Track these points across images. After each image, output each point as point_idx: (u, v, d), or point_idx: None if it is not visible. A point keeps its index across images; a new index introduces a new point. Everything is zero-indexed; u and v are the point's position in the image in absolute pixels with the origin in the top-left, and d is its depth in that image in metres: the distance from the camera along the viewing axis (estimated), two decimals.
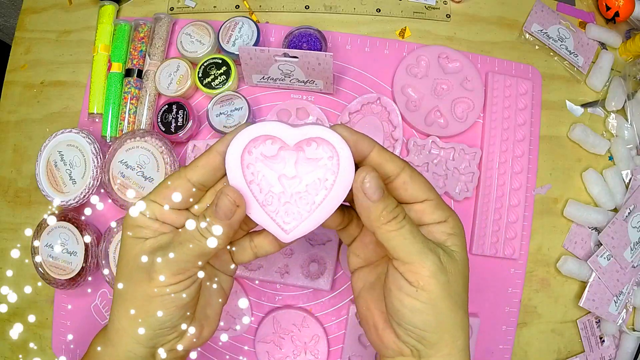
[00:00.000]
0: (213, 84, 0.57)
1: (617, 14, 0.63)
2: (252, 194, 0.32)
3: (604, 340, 0.59)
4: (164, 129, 0.56)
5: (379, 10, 0.63)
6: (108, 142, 0.59)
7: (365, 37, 0.62)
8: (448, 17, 0.64)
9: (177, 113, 0.57)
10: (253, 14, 0.63)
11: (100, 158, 0.55)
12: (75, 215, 0.55)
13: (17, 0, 0.84)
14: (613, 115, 0.62)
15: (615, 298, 0.57)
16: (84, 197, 0.54)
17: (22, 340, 0.59)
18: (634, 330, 0.58)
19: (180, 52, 0.59)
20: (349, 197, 0.32)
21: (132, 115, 0.59)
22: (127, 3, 0.64)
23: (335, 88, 0.60)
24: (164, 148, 0.54)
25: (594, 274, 0.57)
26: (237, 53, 0.56)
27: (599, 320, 0.59)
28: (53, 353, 0.58)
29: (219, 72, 0.58)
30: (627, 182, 0.60)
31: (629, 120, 0.61)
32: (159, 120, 0.57)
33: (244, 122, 0.56)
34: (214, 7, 0.64)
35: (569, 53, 0.63)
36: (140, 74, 0.60)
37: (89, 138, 0.55)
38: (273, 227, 0.33)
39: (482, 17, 0.64)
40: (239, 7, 0.64)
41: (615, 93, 0.62)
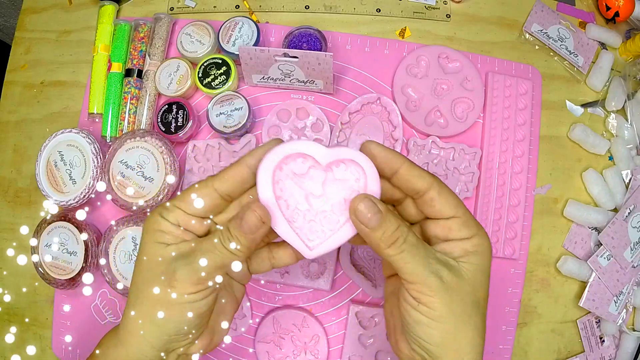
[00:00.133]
0: (213, 84, 0.57)
1: (617, 14, 0.63)
2: (279, 210, 0.33)
3: (604, 340, 0.59)
4: (164, 129, 0.56)
5: (379, 10, 0.63)
6: (108, 142, 0.59)
7: (365, 37, 0.62)
8: (448, 17, 0.64)
9: (177, 113, 0.57)
10: (253, 14, 0.63)
11: (100, 158, 0.55)
12: (75, 215, 0.55)
13: (17, 0, 0.84)
14: (613, 115, 0.62)
15: (615, 298, 0.57)
16: (84, 197, 0.54)
17: (22, 341, 0.59)
18: (634, 330, 0.58)
19: (180, 52, 0.59)
20: None
21: (132, 115, 0.59)
22: (127, 3, 0.64)
23: (335, 88, 0.60)
24: (164, 148, 0.54)
25: (594, 274, 0.57)
26: (237, 53, 0.56)
27: (599, 320, 0.59)
28: (53, 353, 0.58)
29: (219, 72, 0.58)
30: (627, 182, 0.60)
31: (629, 120, 0.61)
32: (159, 120, 0.57)
33: (245, 121, 0.56)
34: (214, 7, 0.64)
35: (569, 53, 0.63)
36: (140, 74, 0.60)
37: (89, 138, 0.55)
38: (298, 242, 0.34)
39: (482, 17, 0.64)
40: (239, 7, 0.64)
41: (615, 93, 0.62)
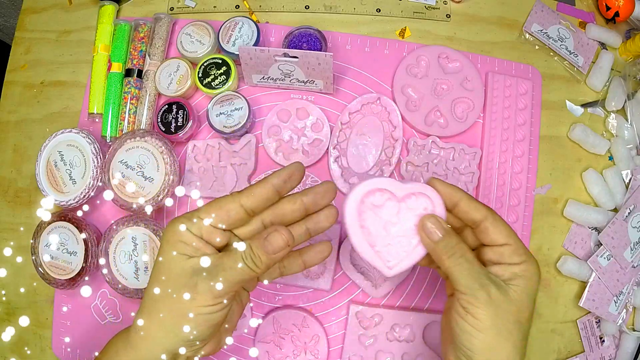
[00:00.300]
0: (213, 84, 0.57)
1: (617, 14, 0.63)
2: (363, 236, 0.38)
3: (604, 340, 0.59)
4: (164, 129, 0.56)
5: (379, 10, 0.63)
6: (108, 142, 0.59)
7: (365, 37, 0.62)
8: (448, 17, 0.64)
9: (177, 113, 0.57)
10: (253, 14, 0.63)
11: (100, 158, 0.55)
12: (75, 215, 0.55)
13: (17, 0, 0.84)
14: (613, 115, 0.62)
15: (615, 298, 0.57)
16: (84, 197, 0.54)
17: (22, 340, 0.59)
18: (634, 330, 0.58)
19: (180, 52, 0.59)
20: None
21: (132, 115, 0.59)
22: (127, 3, 0.64)
23: (335, 88, 0.60)
24: (164, 148, 0.54)
25: (594, 274, 0.57)
26: (237, 53, 0.56)
27: (599, 320, 0.59)
28: (53, 353, 0.58)
29: (219, 72, 0.58)
30: (627, 182, 0.60)
31: (629, 120, 0.61)
32: (159, 120, 0.57)
33: (245, 121, 0.56)
34: (214, 7, 0.64)
35: (569, 53, 0.63)
36: (140, 74, 0.60)
37: (89, 138, 0.55)
38: (378, 263, 0.38)
39: (482, 17, 0.64)
40: (239, 7, 0.64)
41: (615, 93, 0.62)
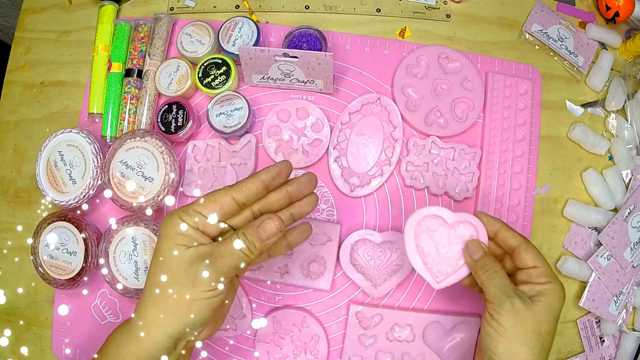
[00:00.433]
0: (213, 84, 0.57)
1: (617, 14, 0.63)
2: (418, 254, 0.45)
3: (604, 340, 0.59)
4: (164, 129, 0.56)
5: (379, 10, 0.63)
6: (108, 142, 0.59)
7: (365, 37, 0.62)
8: (448, 17, 0.64)
9: (177, 113, 0.57)
10: (253, 14, 0.63)
11: (100, 158, 0.55)
12: (75, 215, 0.55)
13: (17, 0, 0.84)
14: (613, 115, 0.62)
15: (615, 298, 0.57)
16: (84, 197, 0.54)
17: (22, 340, 0.59)
18: (634, 330, 0.58)
19: (180, 52, 0.59)
20: None
21: (132, 115, 0.59)
22: (127, 3, 0.64)
23: (335, 88, 0.60)
24: (164, 148, 0.54)
25: (594, 274, 0.57)
26: (237, 53, 0.56)
27: (599, 320, 0.59)
28: (53, 353, 0.58)
29: (219, 72, 0.58)
30: (627, 182, 0.60)
31: (629, 120, 0.61)
32: (159, 120, 0.57)
33: (245, 121, 0.56)
34: (214, 7, 0.64)
35: (569, 53, 0.63)
36: (140, 74, 0.60)
37: (89, 138, 0.55)
38: (429, 277, 0.45)
39: (482, 17, 0.64)
40: (239, 7, 0.64)
41: (615, 93, 0.62)
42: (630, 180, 0.60)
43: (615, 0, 0.62)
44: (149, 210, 0.54)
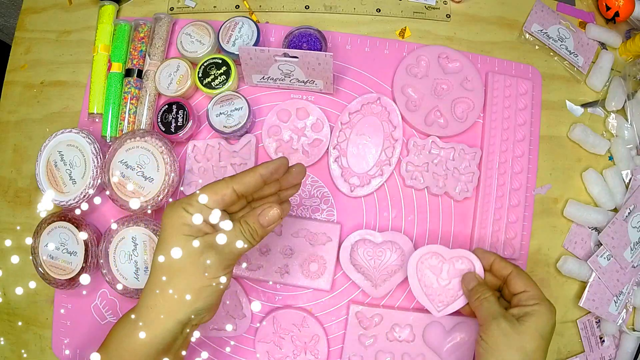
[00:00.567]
0: (213, 84, 0.57)
1: (617, 14, 0.63)
2: (420, 287, 0.51)
3: (604, 340, 0.59)
4: (164, 129, 0.56)
5: (379, 10, 0.63)
6: (108, 142, 0.59)
7: (365, 37, 0.62)
8: (448, 17, 0.64)
9: (177, 113, 0.57)
10: (253, 14, 0.63)
11: (100, 158, 0.55)
12: (75, 215, 0.55)
13: (17, 0, 0.84)
14: (613, 115, 0.62)
15: (615, 298, 0.57)
16: (84, 197, 0.54)
17: (22, 340, 0.59)
18: (634, 330, 0.58)
19: (180, 52, 0.59)
20: None
21: (132, 115, 0.59)
22: (127, 3, 0.64)
23: (335, 88, 0.60)
24: (164, 148, 0.54)
25: (594, 274, 0.57)
26: (237, 53, 0.56)
27: (599, 320, 0.59)
28: (53, 353, 0.58)
29: (219, 72, 0.58)
30: (627, 182, 0.60)
31: (629, 120, 0.61)
32: (159, 120, 0.57)
33: (245, 121, 0.56)
34: (214, 7, 0.64)
35: (569, 53, 0.63)
36: (140, 74, 0.60)
37: (89, 138, 0.55)
38: (430, 306, 0.51)
39: (482, 17, 0.64)
40: (239, 7, 0.64)
41: (615, 93, 0.62)
42: (630, 180, 0.60)
43: (615, 0, 0.62)
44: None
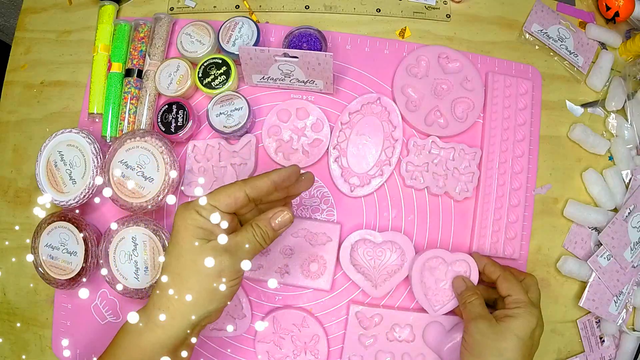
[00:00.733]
0: (213, 84, 0.57)
1: (617, 14, 0.63)
2: (420, 288, 0.54)
3: (604, 340, 0.59)
4: (164, 129, 0.56)
5: (379, 10, 0.63)
6: (108, 142, 0.59)
7: (365, 37, 0.62)
8: (448, 17, 0.64)
9: (177, 113, 0.57)
10: (253, 14, 0.63)
11: (100, 158, 0.55)
12: (75, 215, 0.55)
13: (17, 0, 0.84)
14: (613, 115, 0.62)
15: (615, 298, 0.57)
16: (84, 197, 0.54)
17: (22, 340, 0.59)
18: (634, 330, 0.58)
19: (180, 52, 0.59)
20: None
21: (132, 115, 0.59)
22: (127, 3, 0.64)
23: (335, 88, 0.60)
24: (164, 148, 0.54)
25: (594, 274, 0.57)
26: (237, 53, 0.56)
27: (599, 320, 0.59)
28: (53, 353, 0.58)
29: (219, 72, 0.58)
30: (627, 182, 0.60)
31: (629, 120, 0.61)
32: (159, 120, 0.57)
33: (245, 121, 0.56)
34: (214, 7, 0.64)
35: (569, 53, 0.63)
36: (140, 74, 0.60)
37: (89, 138, 0.55)
38: (427, 305, 0.54)
39: (482, 17, 0.64)
40: (239, 7, 0.64)
41: (615, 93, 0.62)
42: (630, 180, 0.60)
43: (615, 0, 0.62)
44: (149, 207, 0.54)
